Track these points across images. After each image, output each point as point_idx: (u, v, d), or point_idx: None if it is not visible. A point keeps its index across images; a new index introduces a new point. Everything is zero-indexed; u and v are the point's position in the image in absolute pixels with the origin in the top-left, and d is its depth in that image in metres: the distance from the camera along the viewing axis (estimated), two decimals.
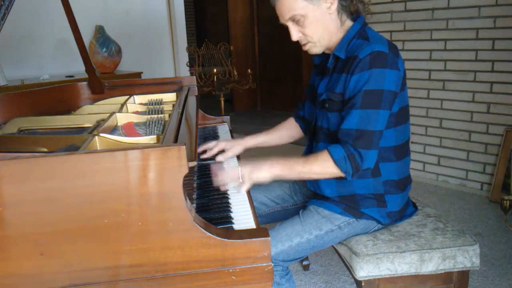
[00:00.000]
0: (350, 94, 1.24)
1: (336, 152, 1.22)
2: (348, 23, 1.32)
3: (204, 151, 1.54)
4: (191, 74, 3.91)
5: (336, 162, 1.21)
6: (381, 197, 1.34)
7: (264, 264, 0.93)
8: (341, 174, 1.23)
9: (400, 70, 1.26)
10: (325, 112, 1.33)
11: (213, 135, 1.80)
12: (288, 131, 1.64)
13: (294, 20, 1.27)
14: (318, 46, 1.32)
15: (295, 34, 1.30)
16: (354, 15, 1.33)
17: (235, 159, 1.53)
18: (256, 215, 1.13)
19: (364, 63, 1.20)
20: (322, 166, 1.24)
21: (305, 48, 1.33)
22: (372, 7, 1.39)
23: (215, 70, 3.30)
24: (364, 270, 1.30)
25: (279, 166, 1.26)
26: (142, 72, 3.35)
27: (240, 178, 1.23)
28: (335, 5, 1.26)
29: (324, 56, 1.43)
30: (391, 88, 1.23)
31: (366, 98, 1.20)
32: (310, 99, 1.52)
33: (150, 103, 1.70)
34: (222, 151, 1.53)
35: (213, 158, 1.53)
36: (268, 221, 1.57)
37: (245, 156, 1.59)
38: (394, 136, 1.31)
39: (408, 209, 1.46)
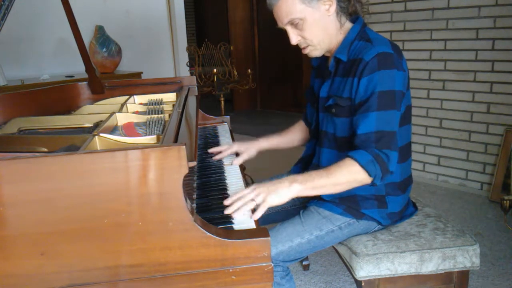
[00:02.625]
0: (361, 98, 1.21)
1: (362, 156, 1.16)
2: (348, 24, 1.31)
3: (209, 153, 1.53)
4: (191, 74, 3.91)
5: (364, 166, 1.14)
6: (382, 198, 1.34)
7: (264, 264, 0.93)
8: (368, 180, 1.17)
9: (405, 71, 1.25)
10: (331, 117, 1.32)
11: (213, 135, 1.80)
12: (300, 133, 1.64)
13: (293, 24, 1.25)
14: (318, 49, 1.31)
15: (294, 38, 1.28)
16: (353, 17, 1.32)
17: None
18: None
19: (372, 65, 1.19)
20: (347, 174, 1.15)
21: (305, 51, 1.32)
22: (372, 7, 1.38)
23: (215, 70, 3.30)
24: (364, 270, 1.30)
25: (299, 184, 1.14)
26: (142, 72, 3.35)
27: (254, 201, 1.11)
28: (333, 7, 1.25)
29: (322, 58, 1.42)
30: (400, 88, 1.22)
31: (381, 99, 1.18)
32: (310, 101, 1.52)
33: (150, 103, 1.70)
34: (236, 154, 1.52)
35: (211, 156, 1.53)
36: (268, 222, 1.57)
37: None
38: (399, 137, 1.31)
39: (408, 209, 1.46)
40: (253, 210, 1.11)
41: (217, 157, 1.51)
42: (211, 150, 1.55)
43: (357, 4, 1.31)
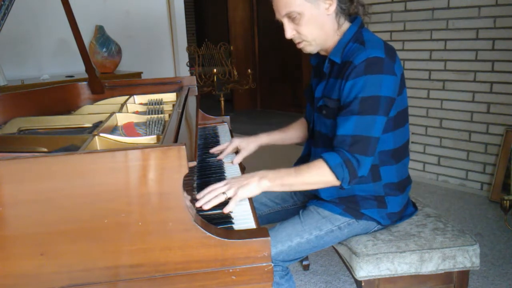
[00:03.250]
0: (344, 100, 1.22)
1: (332, 159, 1.18)
2: (346, 25, 1.30)
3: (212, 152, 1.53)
4: (191, 74, 3.92)
5: (333, 168, 1.17)
6: (381, 199, 1.34)
7: (264, 264, 0.93)
8: (337, 182, 1.19)
9: (397, 75, 1.23)
10: (323, 118, 1.32)
11: (213, 135, 1.80)
12: (301, 130, 1.63)
13: (290, 17, 1.24)
14: (313, 45, 1.30)
15: (289, 32, 1.27)
16: (351, 17, 1.31)
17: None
18: (256, 215, 1.13)
19: (359, 69, 1.18)
20: (316, 175, 1.19)
21: (299, 46, 1.31)
22: (372, 7, 1.37)
23: (215, 70, 3.30)
24: (364, 270, 1.30)
25: (268, 180, 1.17)
26: (142, 72, 3.35)
27: (225, 195, 1.13)
28: (333, 7, 1.24)
29: (320, 57, 1.41)
30: (388, 94, 1.21)
31: (363, 104, 1.18)
32: (308, 100, 1.52)
33: (150, 103, 1.70)
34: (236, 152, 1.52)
35: (214, 155, 1.53)
36: (268, 221, 1.57)
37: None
38: (392, 140, 1.31)
39: (408, 209, 1.46)
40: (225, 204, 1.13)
41: (220, 157, 1.51)
42: (212, 151, 1.55)
43: (359, 7, 1.30)
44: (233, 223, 1.06)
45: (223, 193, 1.13)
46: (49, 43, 3.32)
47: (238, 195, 1.14)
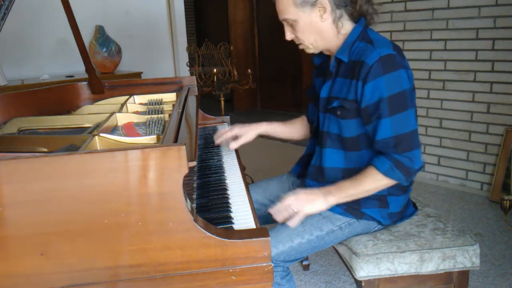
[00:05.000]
0: (368, 102, 1.22)
1: (381, 165, 1.22)
2: (349, 26, 1.29)
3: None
4: (191, 74, 3.91)
5: (385, 174, 1.22)
6: (384, 198, 1.34)
7: (264, 264, 0.93)
8: (395, 183, 1.25)
9: (408, 69, 1.26)
10: (336, 118, 1.31)
11: (213, 135, 1.80)
12: (301, 127, 1.64)
13: (288, 22, 1.29)
14: (312, 48, 1.33)
15: (288, 35, 1.33)
16: (356, 18, 1.31)
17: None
18: (256, 215, 1.13)
19: (376, 69, 1.18)
20: (373, 182, 1.25)
21: (300, 47, 1.35)
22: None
23: (215, 70, 3.30)
24: (364, 270, 1.30)
25: (333, 196, 1.26)
26: (142, 72, 3.35)
27: (292, 210, 1.24)
28: (328, 14, 1.25)
29: (324, 57, 1.42)
30: (408, 86, 1.23)
31: (392, 103, 1.19)
32: (312, 100, 1.51)
33: (150, 103, 1.70)
34: (235, 137, 1.53)
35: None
36: (268, 222, 1.57)
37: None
38: None
39: (408, 209, 1.46)
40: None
41: (217, 141, 1.53)
42: (214, 137, 1.59)
43: (365, 5, 1.29)
44: (233, 223, 1.06)
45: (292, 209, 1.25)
46: (49, 43, 3.32)
47: (306, 211, 1.25)
